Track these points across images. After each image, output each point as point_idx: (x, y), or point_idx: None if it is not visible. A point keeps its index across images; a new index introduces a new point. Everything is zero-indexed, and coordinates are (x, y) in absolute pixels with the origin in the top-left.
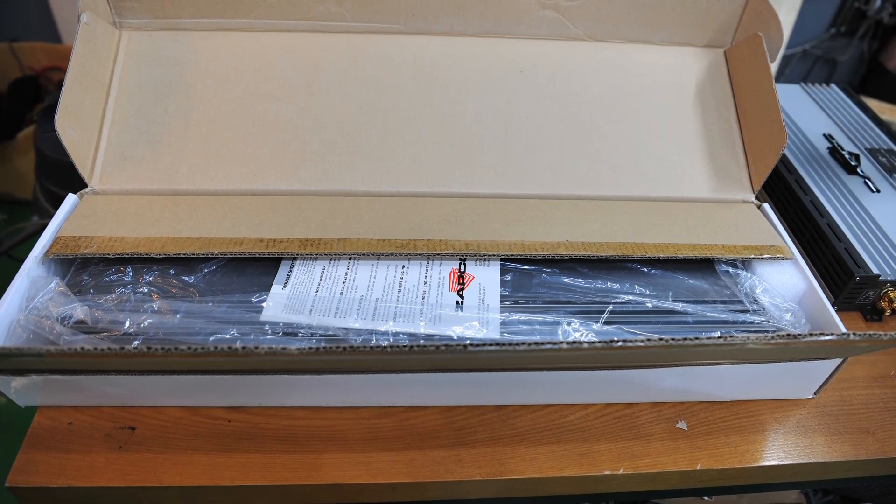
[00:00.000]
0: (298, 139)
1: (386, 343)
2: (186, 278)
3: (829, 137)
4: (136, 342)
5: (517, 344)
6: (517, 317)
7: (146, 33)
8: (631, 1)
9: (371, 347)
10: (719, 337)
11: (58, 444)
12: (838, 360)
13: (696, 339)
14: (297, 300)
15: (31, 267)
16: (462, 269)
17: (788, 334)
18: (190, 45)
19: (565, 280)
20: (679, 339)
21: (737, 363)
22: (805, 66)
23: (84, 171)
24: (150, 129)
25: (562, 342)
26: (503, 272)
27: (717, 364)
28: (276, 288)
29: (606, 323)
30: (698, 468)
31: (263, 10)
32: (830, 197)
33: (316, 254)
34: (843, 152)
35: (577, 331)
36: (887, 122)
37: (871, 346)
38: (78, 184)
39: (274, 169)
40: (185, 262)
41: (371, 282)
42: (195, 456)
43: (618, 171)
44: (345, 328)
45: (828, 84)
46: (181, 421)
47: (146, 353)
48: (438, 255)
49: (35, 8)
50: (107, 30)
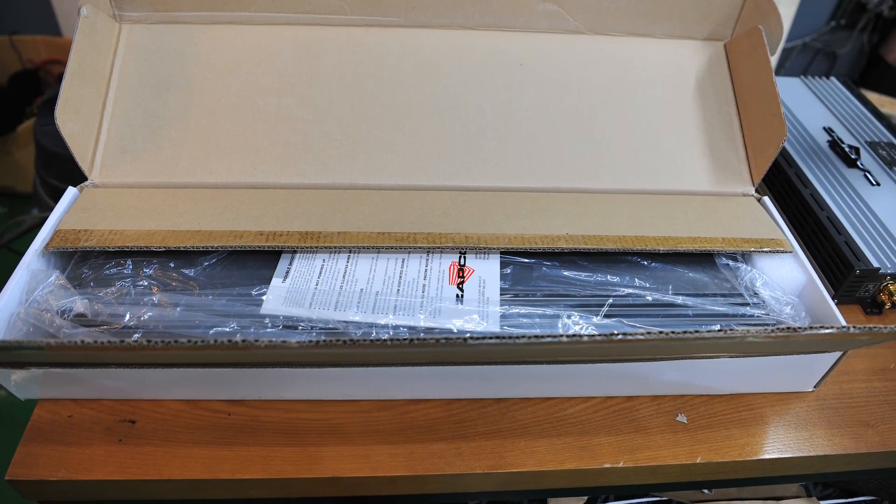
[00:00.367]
0: (298, 132)
1: (386, 336)
2: (186, 271)
3: (829, 130)
4: (136, 335)
5: (517, 337)
6: (517, 310)
7: (146, 26)
8: None
9: (371, 340)
10: (719, 330)
11: (58, 438)
12: (838, 354)
13: (696, 332)
14: (297, 293)
15: (31, 260)
16: (462, 263)
17: (788, 327)
18: (190, 38)
19: (565, 273)
20: (679, 333)
21: (737, 356)
22: (805, 59)
23: (84, 164)
24: (150, 122)
25: (562, 335)
26: (503, 265)
27: (717, 357)
28: (276, 281)
29: (606, 316)
30: (698, 461)
31: (263, 3)
32: (830, 190)
33: (316, 247)
34: (843, 145)
35: (577, 324)
36: (887, 115)
37: (871, 339)
38: (78, 177)
39: (274, 162)
40: (185, 256)
41: (371, 275)
42: (195, 449)
43: (618, 164)
44: (345, 321)
45: (828, 77)
46: (181, 414)
47: (146, 347)
48: (438, 248)
49: (35, 1)
50: (107, 23)
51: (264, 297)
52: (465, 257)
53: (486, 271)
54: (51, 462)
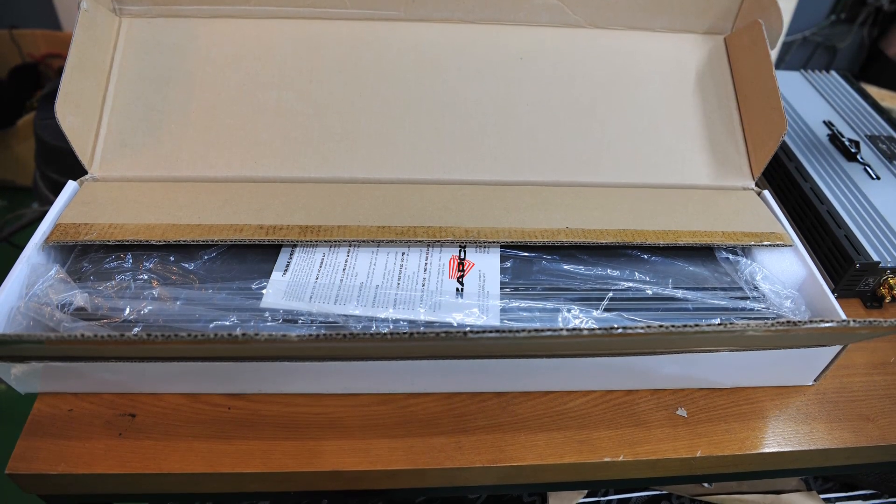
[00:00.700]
0: (298, 126)
1: (386, 330)
2: (186, 265)
3: (829, 124)
4: (136, 329)
5: (517, 331)
6: (517, 304)
7: (146, 20)
8: None
9: (371, 334)
10: (719, 324)
11: (58, 432)
12: (838, 347)
13: (696, 325)
14: (297, 287)
15: (31, 254)
16: (462, 256)
17: (788, 321)
18: (190, 31)
19: (565, 267)
20: (679, 326)
21: (737, 350)
22: (805, 52)
23: (84, 157)
24: (150, 115)
25: (562, 329)
26: (503, 259)
27: (717, 351)
28: (276, 275)
29: (606, 310)
30: (698, 455)
31: None
32: (830, 184)
33: (316, 240)
34: (843, 139)
35: (577, 318)
36: (887, 108)
37: (871, 332)
38: (78, 171)
39: (274, 156)
40: (185, 249)
41: (371, 269)
42: (195, 443)
43: (618, 158)
44: (345, 315)
45: (828, 71)
46: (181, 408)
47: (146, 340)
48: (438, 241)
49: None
50: (107, 17)
51: (264, 291)
52: (465, 251)
53: (486, 265)
54: (51, 456)
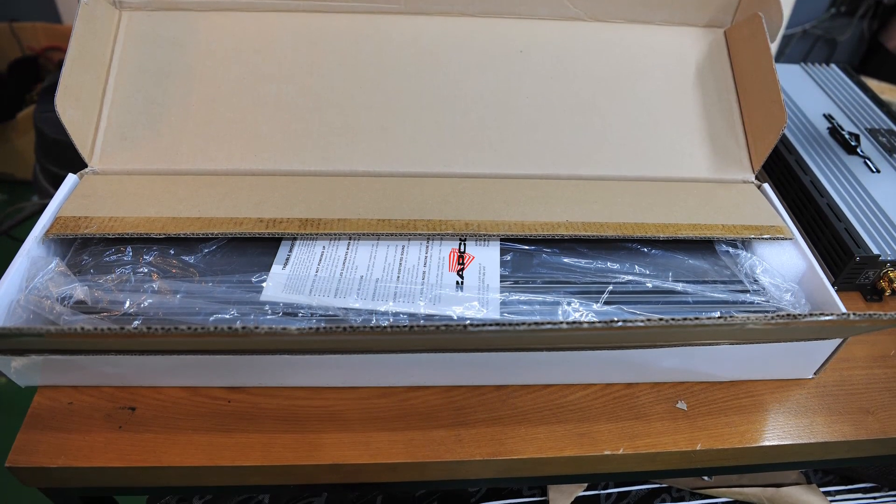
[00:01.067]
0: (298, 119)
1: (386, 323)
2: (186, 258)
3: (829, 117)
4: (136, 322)
5: (517, 324)
6: (517, 297)
7: (146, 13)
8: None
9: (371, 327)
10: (719, 317)
11: (58, 425)
12: (838, 341)
13: (696, 318)
14: (297, 280)
15: (31, 247)
16: (462, 249)
17: (788, 314)
18: (190, 25)
19: (565, 260)
20: (679, 319)
21: (737, 343)
22: (805, 46)
23: (84, 151)
24: (150, 109)
25: (562, 322)
26: (503, 252)
27: (717, 344)
28: (276, 268)
29: (606, 303)
30: (698, 448)
31: None
32: (830, 177)
33: (316, 234)
34: (843, 132)
35: (577, 311)
36: (887, 102)
37: (871, 326)
38: (78, 164)
39: (274, 149)
40: (185, 242)
41: (371, 262)
42: (195, 436)
43: (618, 151)
44: (345, 308)
45: (828, 64)
46: (181, 401)
47: (146, 334)
48: (438, 235)
49: None
50: (107, 10)
51: (264, 284)
52: (465, 244)
53: (486, 258)
54: (51, 449)
